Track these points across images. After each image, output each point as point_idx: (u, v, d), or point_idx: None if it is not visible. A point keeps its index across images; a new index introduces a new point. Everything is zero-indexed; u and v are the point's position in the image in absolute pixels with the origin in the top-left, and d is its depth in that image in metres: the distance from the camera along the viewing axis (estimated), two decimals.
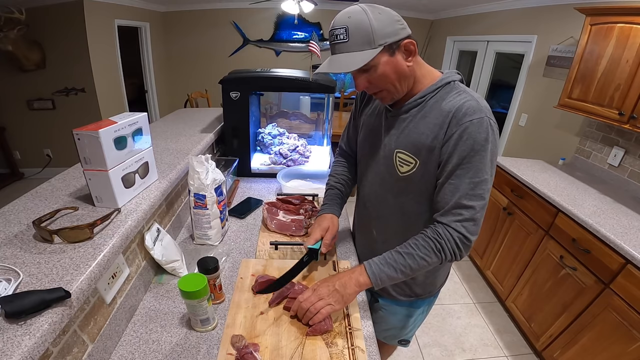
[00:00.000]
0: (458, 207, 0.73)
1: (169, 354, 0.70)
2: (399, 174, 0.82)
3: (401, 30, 0.70)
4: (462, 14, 3.81)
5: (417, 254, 0.76)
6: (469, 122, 0.70)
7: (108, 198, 0.78)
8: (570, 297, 1.56)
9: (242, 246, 1.08)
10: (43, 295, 0.51)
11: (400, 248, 0.79)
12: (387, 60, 0.71)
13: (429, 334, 1.96)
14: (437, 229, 0.75)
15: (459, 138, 0.71)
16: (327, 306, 0.75)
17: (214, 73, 3.56)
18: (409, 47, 0.72)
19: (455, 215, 0.73)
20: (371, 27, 0.67)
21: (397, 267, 0.77)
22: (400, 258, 0.77)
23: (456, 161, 0.72)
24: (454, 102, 0.73)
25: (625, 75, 1.62)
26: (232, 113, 1.47)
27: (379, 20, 0.68)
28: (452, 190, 0.73)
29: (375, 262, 0.79)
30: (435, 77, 0.79)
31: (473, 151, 0.70)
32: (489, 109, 0.72)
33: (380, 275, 0.77)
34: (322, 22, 4.62)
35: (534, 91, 2.73)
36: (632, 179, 1.89)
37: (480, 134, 0.69)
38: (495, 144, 0.72)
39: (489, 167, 0.72)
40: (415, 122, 0.78)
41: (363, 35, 0.68)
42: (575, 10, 1.95)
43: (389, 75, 0.73)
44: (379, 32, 0.68)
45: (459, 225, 0.73)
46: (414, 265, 0.76)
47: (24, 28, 2.89)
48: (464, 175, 0.72)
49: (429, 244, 0.75)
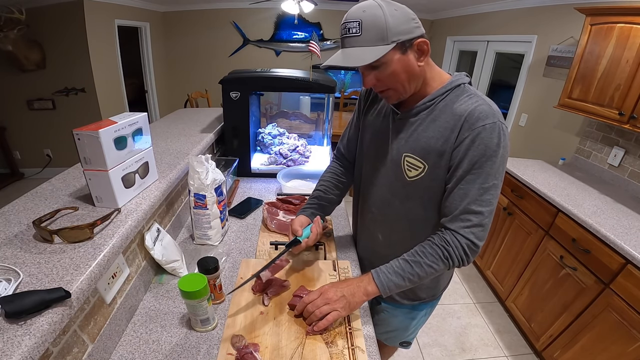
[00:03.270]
0: (467, 212, 0.72)
1: (169, 354, 0.70)
2: (406, 179, 0.81)
3: (416, 29, 0.69)
4: (462, 14, 3.80)
5: (425, 262, 0.75)
6: (482, 127, 0.68)
7: (108, 198, 0.78)
8: (570, 297, 1.56)
9: (242, 246, 1.08)
10: (43, 295, 0.51)
11: (407, 256, 0.77)
12: (399, 58, 0.69)
13: (429, 334, 1.96)
14: (444, 236, 0.74)
15: (471, 143, 0.70)
16: (334, 312, 0.74)
17: (214, 73, 3.56)
18: (422, 47, 0.70)
19: (463, 222, 0.72)
20: (386, 22, 0.65)
21: (405, 276, 0.76)
22: (408, 266, 0.76)
23: (467, 166, 0.71)
24: (466, 105, 0.72)
25: (625, 75, 1.62)
26: (232, 113, 1.47)
27: (394, 16, 0.66)
28: (462, 196, 0.72)
29: (384, 271, 0.78)
30: (445, 80, 0.77)
31: (485, 157, 0.69)
32: (500, 114, 0.71)
33: (389, 284, 0.76)
34: (322, 22, 4.62)
35: (534, 91, 2.73)
36: (632, 179, 1.89)
37: (492, 140, 0.68)
38: (507, 149, 0.71)
39: (499, 172, 0.71)
40: (425, 126, 0.77)
41: (377, 30, 0.66)
42: (575, 10, 1.95)
43: (399, 74, 0.71)
44: (393, 28, 0.66)
45: (467, 232, 0.72)
46: (421, 274, 0.75)
47: (24, 28, 2.89)
48: (474, 180, 0.71)
49: (436, 252, 0.74)
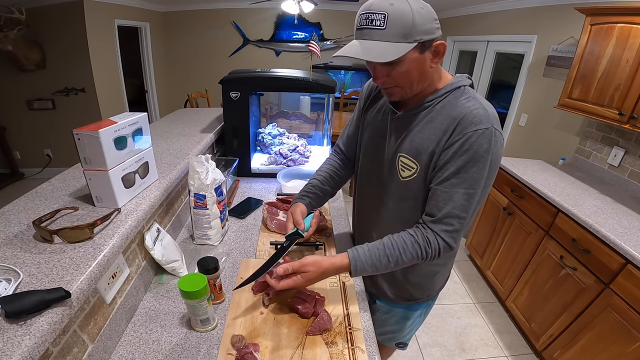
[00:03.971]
0: (451, 217, 0.72)
1: (169, 354, 0.70)
2: (400, 179, 0.81)
3: (437, 30, 0.68)
4: (462, 14, 3.80)
5: (402, 260, 0.75)
6: (473, 132, 0.68)
7: (108, 198, 0.79)
8: (570, 297, 1.56)
9: (242, 246, 1.08)
10: (43, 295, 0.51)
11: (388, 249, 0.76)
12: (416, 57, 0.67)
13: (429, 334, 1.96)
14: (427, 235, 0.74)
15: (459, 147, 0.69)
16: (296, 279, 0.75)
17: (214, 73, 3.56)
18: (439, 49, 0.69)
19: (446, 225, 0.73)
20: (413, 20, 0.63)
21: (380, 268, 0.77)
22: (385, 260, 0.76)
23: (453, 170, 0.70)
24: (462, 108, 0.71)
25: (625, 75, 1.62)
26: (232, 113, 1.47)
27: (421, 14, 0.64)
28: (446, 199, 0.72)
29: (362, 260, 0.77)
30: (446, 81, 0.77)
31: (472, 162, 0.69)
32: (496, 118, 0.71)
33: (362, 272, 0.77)
34: (322, 22, 4.62)
35: (534, 91, 2.73)
36: (632, 179, 1.89)
37: (482, 146, 0.68)
38: (497, 156, 0.71)
39: (485, 178, 0.71)
40: (421, 127, 0.77)
41: (403, 26, 0.63)
42: (575, 10, 1.95)
43: (411, 73, 0.70)
44: (418, 27, 0.63)
45: (448, 236, 0.73)
46: (394, 267, 0.77)
47: (24, 28, 2.89)
48: (459, 185, 0.70)
49: (416, 251, 0.75)
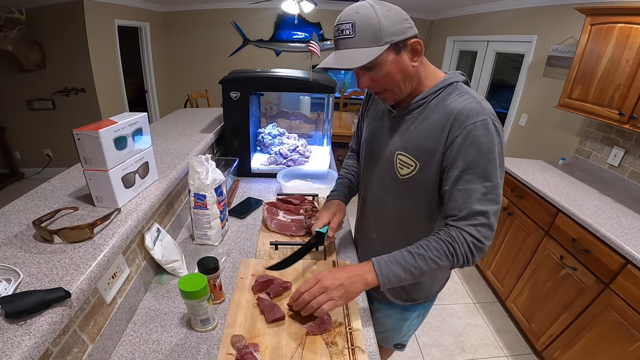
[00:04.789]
0: (473, 213, 0.69)
1: (169, 354, 0.70)
2: (399, 177, 0.81)
3: (409, 29, 0.69)
4: (462, 14, 3.80)
5: (429, 256, 0.71)
6: (472, 125, 0.68)
7: (108, 198, 0.78)
8: (570, 297, 1.56)
9: (242, 246, 1.08)
10: (43, 295, 0.51)
11: (411, 248, 0.74)
12: (392, 59, 0.69)
13: (429, 334, 1.96)
14: (450, 231, 0.71)
15: (462, 142, 0.69)
16: (330, 301, 0.70)
17: (214, 73, 3.56)
18: (415, 47, 0.71)
19: (469, 220, 0.70)
20: (379, 23, 0.66)
21: (407, 267, 0.71)
22: (411, 258, 0.72)
23: (462, 166, 0.70)
24: (456, 103, 0.71)
25: (625, 75, 1.62)
26: (232, 113, 1.47)
27: (387, 17, 0.66)
28: (464, 198, 0.70)
29: (385, 260, 0.74)
30: (439, 78, 0.77)
31: (480, 155, 0.68)
32: (492, 111, 0.71)
33: (389, 274, 0.72)
34: (322, 22, 4.61)
35: (534, 91, 2.73)
36: (632, 179, 1.89)
37: (485, 137, 0.67)
38: (502, 146, 0.70)
39: (498, 169, 0.70)
40: (417, 124, 0.77)
41: (370, 31, 0.66)
42: (575, 10, 1.95)
43: (393, 75, 0.71)
44: (386, 29, 0.66)
45: (473, 229, 0.69)
46: (424, 267, 0.71)
47: (24, 28, 2.89)
48: (473, 180, 0.69)
49: (442, 247, 0.70)
